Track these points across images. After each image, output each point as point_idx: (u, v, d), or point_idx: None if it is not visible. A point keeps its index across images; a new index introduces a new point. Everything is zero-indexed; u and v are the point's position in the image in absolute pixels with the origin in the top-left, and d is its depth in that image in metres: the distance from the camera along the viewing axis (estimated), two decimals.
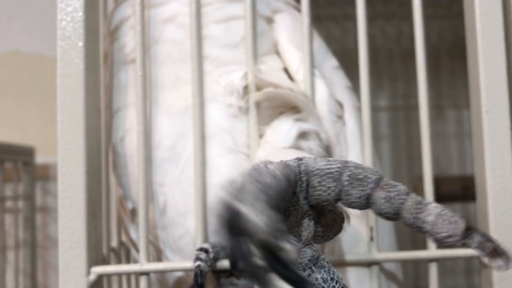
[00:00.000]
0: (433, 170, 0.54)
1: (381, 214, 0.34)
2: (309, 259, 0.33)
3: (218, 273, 0.51)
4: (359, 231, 0.53)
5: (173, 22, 0.54)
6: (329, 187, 0.33)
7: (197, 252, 0.48)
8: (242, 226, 0.28)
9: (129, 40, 0.55)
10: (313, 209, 0.35)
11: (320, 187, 0.34)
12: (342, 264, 0.51)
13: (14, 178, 1.24)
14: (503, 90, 0.51)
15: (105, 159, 0.60)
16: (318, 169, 0.34)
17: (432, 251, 0.51)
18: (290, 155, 0.47)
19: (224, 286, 0.52)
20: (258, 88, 0.52)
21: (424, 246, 0.52)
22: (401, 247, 0.59)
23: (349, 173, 0.33)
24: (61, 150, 0.48)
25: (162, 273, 0.56)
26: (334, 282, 0.33)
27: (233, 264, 0.49)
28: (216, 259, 0.49)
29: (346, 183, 0.33)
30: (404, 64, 1.45)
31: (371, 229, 0.51)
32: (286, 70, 0.55)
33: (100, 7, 0.56)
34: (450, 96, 1.50)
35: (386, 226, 0.58)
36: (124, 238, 0.64)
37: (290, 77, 0.54)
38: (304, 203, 0.34)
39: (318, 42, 0.58)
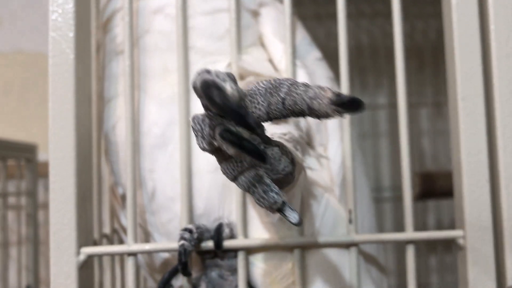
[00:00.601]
0: (431, 166, 0.55)
1: (290, 111, 0.36)
2: (252, 177, 0.37)
3: (203, 255, 0.53)
4: (339, 214, 0.55)
5: (161, 13, 0.56)
6: (258, 103, 0.36)
7: (181, 232, 0.50)
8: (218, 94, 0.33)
9: (120, 31, 0.57)
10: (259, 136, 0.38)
11: (252, 104, 0.36)
12: (321, 245, 0.52)
13: (17, 175, 1.25)
14: (478, 78, 0.52)
15: (97, 147, 0.63)
16: (250, 90, 0.37)
17: (409, 233, 0.53)
18: (278, 129, 0.50)
19: (209, 267, 0.54)
20: (242, 78, 0.54)
21: None
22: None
23: (269, 85, 0.36)
24: (52, 136, 0.50)
25: (150, 256, 0.58)
26: (274, 193, 0.37)
27: (217, 244, 0.51)
28: (200, 239, 0.51)
29: (268, 94, 0.36)
30: (405, 62, 1.46)
31: (350, 211, 0.53)
32: (271, 62, 0.57)
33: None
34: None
35: (367, 210, 0.60)
36: (116, 225, 0.67)
37: (275, 68, 0.57)
38: None
39: (302, 34, 0.60)
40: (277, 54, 0.56)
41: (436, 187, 1.20)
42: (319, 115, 0.34)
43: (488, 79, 0.53)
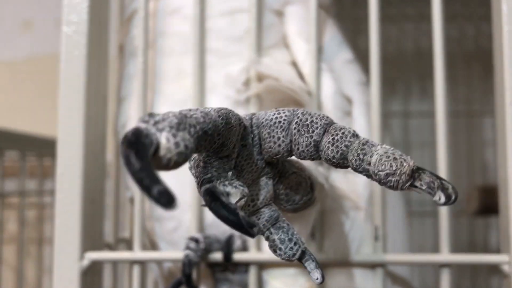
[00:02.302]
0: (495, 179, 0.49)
1: (328, 160, 0.31)
2: (266, 220, 0.32)
3: (213, 267, 0.50)
4: (366, 232, 0.49)
5: (178, 14, 0.54)
6: (278, 138, 0.31)
7: (187, 241, 0.47)
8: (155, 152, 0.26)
9: (138, 32, 0.55)
10: (273, 168, 0.33)
11: (270, 139, 0.32)
12: (342, 263, 0.47)
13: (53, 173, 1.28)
14: None
15: (116, 149, 0.61)
16: (267, 120, 0.32)
17: (444, 255, 0.46)
18: None
19: (219, 281, 0.50)
20: (260, 81, 0.50)
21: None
22: None
23: (296, 120, 0.31)
24: (60, 136, 0.49)
25: (158, 263, 0.55)
26: (292, 244, 0.31)
27: (227, 257, 0.47)
28: (208, 250, 0.47)
29: (294, 131, 0.31)
30: (466, 68, 1.38)
31: (376, 228, 0.47)
32: (295, 65, 0.53)
33: None
34: None
35: (399, 227, 0.54)
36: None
37: (299, 73, 0.52)
38: (259, 159, 0.33)
39: (331, 33, 0.55)
40: (301, 55, 0.52)
41: (497, 202, 1.11)
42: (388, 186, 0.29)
43: None
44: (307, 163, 0.38)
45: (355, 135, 0.31)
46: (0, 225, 1.07)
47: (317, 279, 0.32)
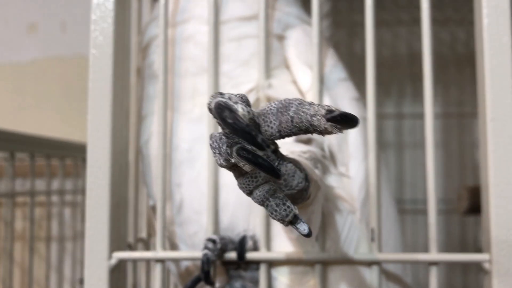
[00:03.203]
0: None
1: (294, 128, 0.37)
2: (266, 191, 0.38)
3: (227, 265, 0.55)
4: (363, 232, 0.55)
5: (192, 40, 0.59)
6: (270, 121, 0.37)
7: (205, 242, 0.52)
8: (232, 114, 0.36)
9: (156, 58, 0.61)
10: (272, 153, 0.39)
11: (264, 123, 0.37)
12: (343, 261, 0.53)
13: (74, 174, 1.32)
14: (509, 99, 0.51)
15: (135, 159, 0.66)
16: (262, 110, 0.38)
17: (433, 254, 0.52)
18: (298, 147, 0.51)
19: (233, 278, 0.56)
20: (268, 101, 0.56)
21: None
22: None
23: (281, 105, 0.38)
24: (90, 146, 0.54)
25: (177, 265, 0.61)
26: (286, 207, 0.38)
27: (240, 256, 0.53)
28: (224, 250, 0.53)
29: (279, 114, 0.37)
30: (458, 71, 1.43)
31: (372, 230, 0.53)
32: (295, 83, 0.59)
33: (132, 23, 0.61)
34: None
35: (392, 228, 0.60)
36: (152, 232, 0.70)
37: (300, 90, 0.58)
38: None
39: (326, 55, 0.61)
40: (302, 80, 0.58)
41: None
42: (321, 131, 0.36)
43: None
44: (304, 165, 0.44)
45: (310, 103, 0.37)
46: (11, 224, 1.12)
47: (304, 229, 0.38)
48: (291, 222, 0.38)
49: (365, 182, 0.55)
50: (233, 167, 0.38)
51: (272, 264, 0.54)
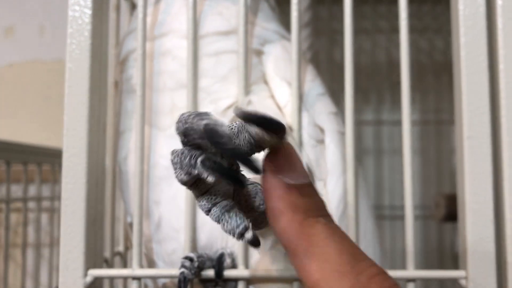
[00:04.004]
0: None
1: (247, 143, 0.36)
2: (222, 207, 0.37)
3: (205, 284, 0.55)
4: None
5: (170, 54, 0.59)
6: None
7: (182, 260, 0.52)
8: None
9: (134, 72, 0.60)
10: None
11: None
12: None
13: (51, 179, 1.30)
14: (486, 117, 0.52)
15: (112, 174, 0.65)
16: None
17: (410, 271, 0.53)
18: None
19: None
20: None
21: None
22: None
23: (241, 126, 0.37)
24: (66, 162, 0.53)
25: (155, 282, 0.60)
26: (238, 217, 0.37)
27: (218, 274, 0.52)
28: (201, 268, 0.52)
29: (239, 133, 0.36)
30: (436, 78, 1.44)
31: None
32: (273, 98, 0.58)
33: (109, 35, 0.60)
34: None
35: (370, 243, 0.60)
36: (129, 245, 0.69)
37: (277, 105, 0.58)
38: None
39: (306, 70, 0.61)
40: (281, 95, 0.57)
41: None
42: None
43: (496, 119, 0.53)
44: None
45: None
46: (6, 229, 1.10)
47: (249, 237, 0.36)
48: (242, 234, 0.37)
49: (343, 198, 0.55)
50: (193, 185, 0.38)
51: (249, 281, 0.54)
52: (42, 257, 1.33)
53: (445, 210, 1.21)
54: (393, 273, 0.54)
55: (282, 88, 0.57)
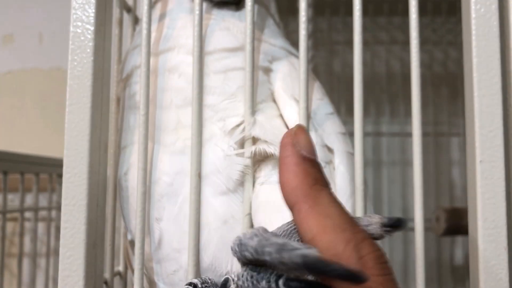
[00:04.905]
0: (462, 197, 0.54)
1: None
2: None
3: None
4: None
5: (176, 71, 0.57)
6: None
7: (185, 287, 0.50)
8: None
9: (138, 88, 0.58)
10: None
11: None
12: None
13: (48, 189, 1.29)
14: (499, 141, 0.50)
15: (113, 190, 0.64)
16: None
17: None
18: None
19: None
20: (254, 142, 0.54)
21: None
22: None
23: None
24: (65, 183, 0.51)
25: None
26: None
27: None
28: None
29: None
30: (435, 90, 1.44)
31: None
32: (282, 117, 0.57)
33: (112, 52, 0.59)
34: None
35: None
36: (128, 265, 0.67)
37: (286, 125, 0.56)
38: None
39: (313, 89, 0.60)
40: (286, 111, 0.56)
41: (463, 223, 1.17)
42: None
43: (509, 141, 0.51)
44: None
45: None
46: (1, 239, 1.08)
47: None
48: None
49: (347, 202, 0.54)
50: None
51: None
52: (38, 267, 1.32)
53: (446, 224, 1.20)
54: None
55: (291, 107, 0.56)
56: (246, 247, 0.32)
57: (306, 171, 0.35)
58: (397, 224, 0.37)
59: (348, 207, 0.55)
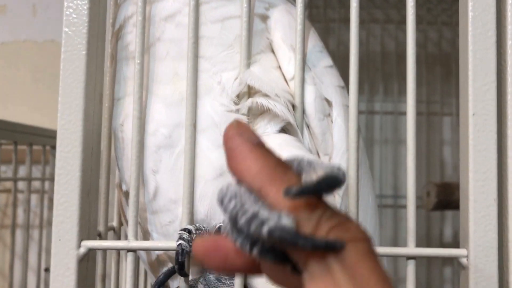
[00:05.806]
0: (452, 176, 0.54)
1: None
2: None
3: None
4: None
5: (173, 21, 0.57)
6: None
7: (180, 232, 0.50)
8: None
9: (133, 38, 0.58)
10: None
11: None
12: None
13: (42, 161, 1.29)
14: (492, 94, 0.51)
15: (108, 143, 0.64)
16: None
17: (410, 248, 0.52)
18: (280, 138, 0.50)
19: (208, 270, 0.54)
20: (252, 95, 0.54)
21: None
22: None
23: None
24: (60, 130, 0.51)
25: (148, 253, 0.58)
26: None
27: None
28: None
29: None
30: (428, 70, 1.44)
31: None
32: (280, 69, 0.57)
33: (108, 2, 0.58)
34: None
35: (370, 221, 0.59)
36: (122, 219, 0.68)
37: (284, 77, 0.56)
38: None
39: (313, 41, 0.60)
40: (285, 62, 0.56)
41: (454, 198, 1.18)
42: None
43: (502, 96, 0.52)
44: None
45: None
46: None
47: None
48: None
49: (347, 173, 0.54)
50: None
51: None
52: (32, 239, 1.32)
53: (436, 199, 1.21)
54: (394, 250, 0.53)
55: (289, 59, 0.56)
56: (226, 209, 0.31)
57: (264, 155, 0.32)
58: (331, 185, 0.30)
59: (344, 160, 0.55)
